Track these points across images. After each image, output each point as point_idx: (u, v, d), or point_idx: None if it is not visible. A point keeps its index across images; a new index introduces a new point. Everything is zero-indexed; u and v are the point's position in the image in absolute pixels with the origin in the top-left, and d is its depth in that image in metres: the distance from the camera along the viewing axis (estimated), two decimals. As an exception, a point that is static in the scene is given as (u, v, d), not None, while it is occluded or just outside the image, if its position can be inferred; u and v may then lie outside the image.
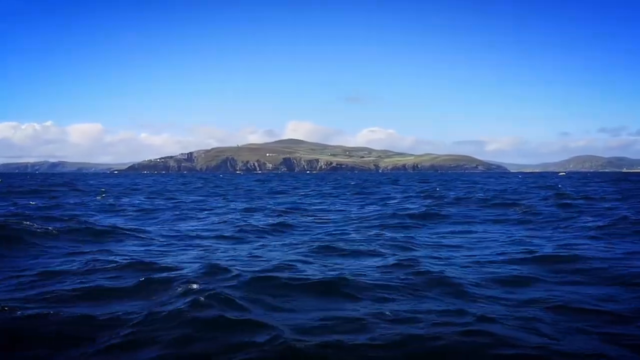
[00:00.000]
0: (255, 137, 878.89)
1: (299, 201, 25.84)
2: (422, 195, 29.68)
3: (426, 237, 12.03)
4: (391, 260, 8.40)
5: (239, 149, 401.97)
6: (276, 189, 42.68)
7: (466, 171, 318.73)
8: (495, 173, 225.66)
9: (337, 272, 7.40)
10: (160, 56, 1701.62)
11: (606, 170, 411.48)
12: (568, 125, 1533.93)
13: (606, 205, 19.84)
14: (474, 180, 68.01)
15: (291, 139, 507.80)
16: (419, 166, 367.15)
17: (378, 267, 7.99)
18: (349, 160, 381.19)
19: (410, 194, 31.02)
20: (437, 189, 38.67)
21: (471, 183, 55.72)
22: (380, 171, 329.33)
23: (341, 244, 10.19)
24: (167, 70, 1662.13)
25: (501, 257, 8.98)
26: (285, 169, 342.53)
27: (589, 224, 13.65)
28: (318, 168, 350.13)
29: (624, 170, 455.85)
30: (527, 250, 9.63)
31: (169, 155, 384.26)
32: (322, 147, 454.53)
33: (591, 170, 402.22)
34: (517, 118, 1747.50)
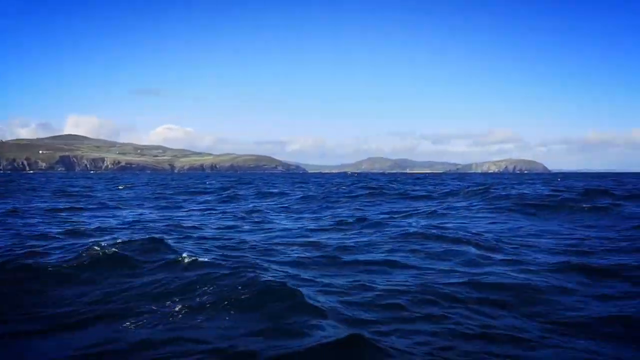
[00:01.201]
0: (27, 132, 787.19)
1: None
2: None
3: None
4: None
5: (3, 144, 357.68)
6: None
7: (266, 171, 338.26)
8: (297, 174, 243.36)
9: None
10: None
11: (393, 171, 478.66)
12: (364, 128, 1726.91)
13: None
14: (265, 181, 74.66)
15: (72, 135, 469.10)
16: (217, 166, 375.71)
17: None
18: (141, 159, 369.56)
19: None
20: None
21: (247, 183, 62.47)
22: (176, 171, 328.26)
23: None
24: None
25: None
26: (63, 169, 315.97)
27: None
28: (104, 168, 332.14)
29: (407, 170, 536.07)
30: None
31: None
32: (110, 145, 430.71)
33: (380, 171, 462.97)
34: (319, 119, 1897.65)
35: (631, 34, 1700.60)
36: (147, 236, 9.87)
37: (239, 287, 6.12)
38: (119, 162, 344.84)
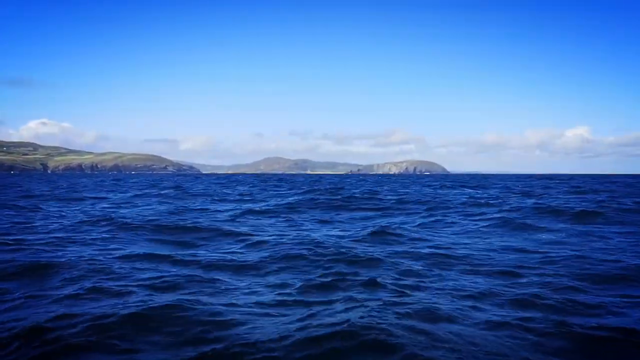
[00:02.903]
0: None
1: None
2: None
3: None
4: None
5: None
6: None
7: (154, 172, 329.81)
8: (190, 175, 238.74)
9: None
10: None
11: (293, 172, 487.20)
12: (263, 127, 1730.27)
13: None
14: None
15: None
16: (99, 166, 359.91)
17: None
18: (7, 157, 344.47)
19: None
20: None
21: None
22: (49, 171, 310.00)
23: None
24: None
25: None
26: None
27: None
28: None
29: (308, 171, 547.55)
30: None
31: None
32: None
33: (280, 172, 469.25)
34: (213, 117, 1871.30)
35: (526, 40, 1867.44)
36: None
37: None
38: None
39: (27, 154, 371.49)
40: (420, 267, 8.29)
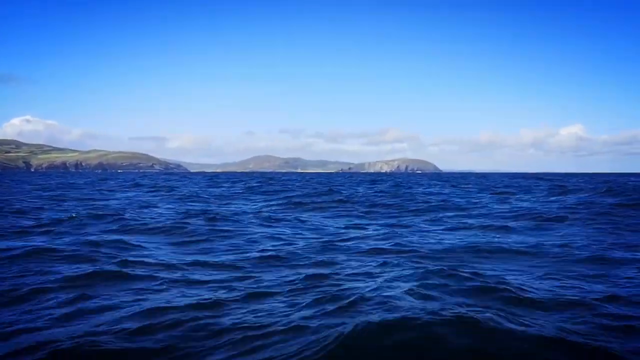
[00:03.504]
0: None
1: None
2: None
3: None
4: None
5: None
6: None
7: (141, 170, 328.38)
8: (177, 173, 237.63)
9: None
10: None
11: (283, 170, 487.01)
12: (254, 125, 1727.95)
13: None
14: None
15: None
16: (83, 164, 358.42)
17: None
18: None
19: None
20: None
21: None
22: (32, 170, 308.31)
23: None
24: None
25: None
26: None
27: None
28: None
29: (299, 170, 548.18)
30: None
31: None
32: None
33: (270, 170, 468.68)
34: (204, 115, 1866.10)
35: (523, 40, 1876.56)
36: None
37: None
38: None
39: (9, 152, 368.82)
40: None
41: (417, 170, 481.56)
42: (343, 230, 13.07)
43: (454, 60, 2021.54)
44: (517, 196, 27.47)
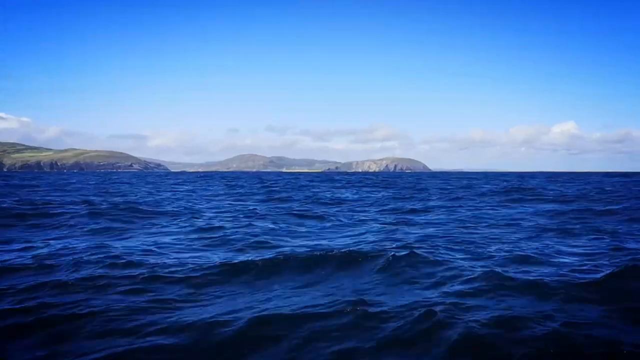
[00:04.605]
0: None
1: None
2: None
3: None
4: None
5: None
6: None
7: (119, 170, 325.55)
8: (155, 173, 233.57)
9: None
10: None
11: (267, 170, 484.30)
12: (239, 122, 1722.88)
13: None
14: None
15: None
16: (59, 164, 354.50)
17: None
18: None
19: None
20: None
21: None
22: (5, 169, 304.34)
23: None
24: None
25: None
26: None
27: None
28: None
29: (284, 169, 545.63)
30: None
31: None
32: None
33: (253, 170, 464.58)
34: (186, 112, 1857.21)
35: (516, 36, 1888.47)
36: None
37: None
38: None
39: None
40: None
41: (406, 170, 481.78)
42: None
43: (445, 56, 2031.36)
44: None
